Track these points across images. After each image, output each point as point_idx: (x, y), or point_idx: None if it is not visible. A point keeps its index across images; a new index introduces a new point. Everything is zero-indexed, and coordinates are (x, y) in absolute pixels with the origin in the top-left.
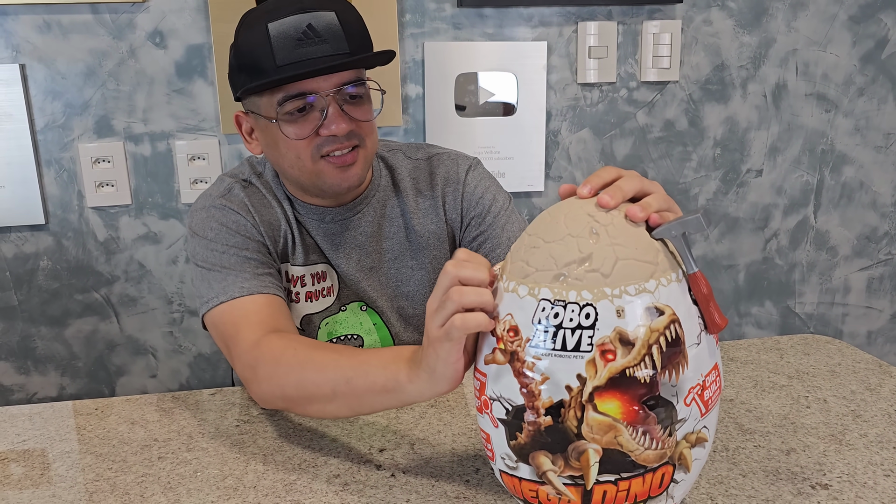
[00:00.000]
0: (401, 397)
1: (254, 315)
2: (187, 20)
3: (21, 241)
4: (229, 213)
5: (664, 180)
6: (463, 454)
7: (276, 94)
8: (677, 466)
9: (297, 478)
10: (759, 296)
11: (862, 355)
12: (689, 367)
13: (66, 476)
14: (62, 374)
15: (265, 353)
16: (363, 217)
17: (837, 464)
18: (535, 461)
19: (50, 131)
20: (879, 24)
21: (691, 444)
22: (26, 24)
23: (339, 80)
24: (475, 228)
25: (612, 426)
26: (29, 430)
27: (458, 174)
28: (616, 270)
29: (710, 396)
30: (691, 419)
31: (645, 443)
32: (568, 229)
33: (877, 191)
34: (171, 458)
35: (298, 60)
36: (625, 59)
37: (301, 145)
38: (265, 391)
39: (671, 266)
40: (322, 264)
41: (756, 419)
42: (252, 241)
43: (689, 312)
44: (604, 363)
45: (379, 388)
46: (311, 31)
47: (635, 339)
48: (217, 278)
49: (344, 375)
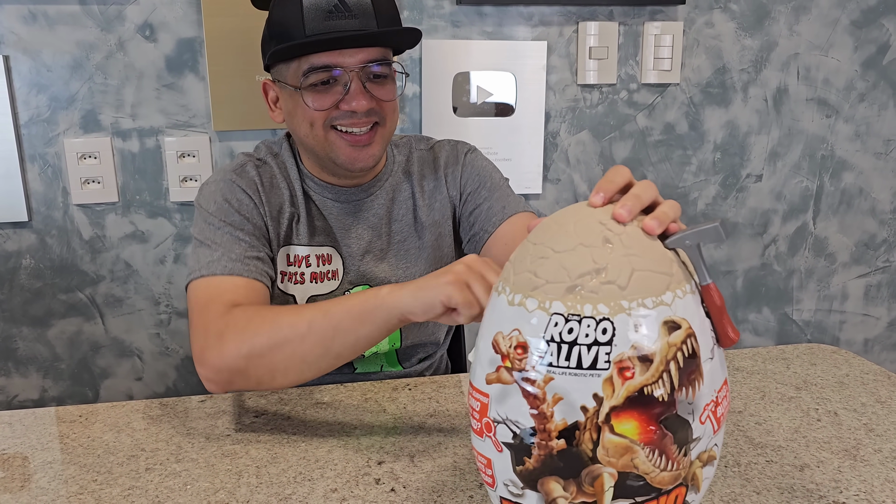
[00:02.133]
0: (378, 315)
1: (228, 294)
2: (178, 13)
3: (3, 238)
4: (236, 190)
5: (663, 184)
6: (465, 467)
7: (303, 64)
8: (690, 487)
9: (293, 492)
10: (757, 302)
11: (869, 366)
12: (704, 384)
13: (49, 488)
14: (44, 375)
15: (237, 315)
16: (376, 199)
17: (853, 480)
18: (545, 487)
19: (34, 125)
20: (881, 30)
21: (704, 462)
22: (11, 15)
23: (364, 56)
24: (472, 202)
25: (628, 448)
26: (9, 437)
27: (457, 156)
28: (633, 282)
29: (722, 413)
30: (706, 437)
31: (661, 464)
32: (579, 238)
33: (876, 197)
34: (160, 469)
35: (327, 32)
36: (625, 61)
37: (316, 115)
38: (229, 352)
39: (685, 277)
40: (327, 247)
41: (766, 432)
42: (250, 222)
43: (704, 326)
44: (622, 381)
45: (357, 310)
46: (343, 5)
47: (653, 355)
48: (206, 253)
49: (322, 309)
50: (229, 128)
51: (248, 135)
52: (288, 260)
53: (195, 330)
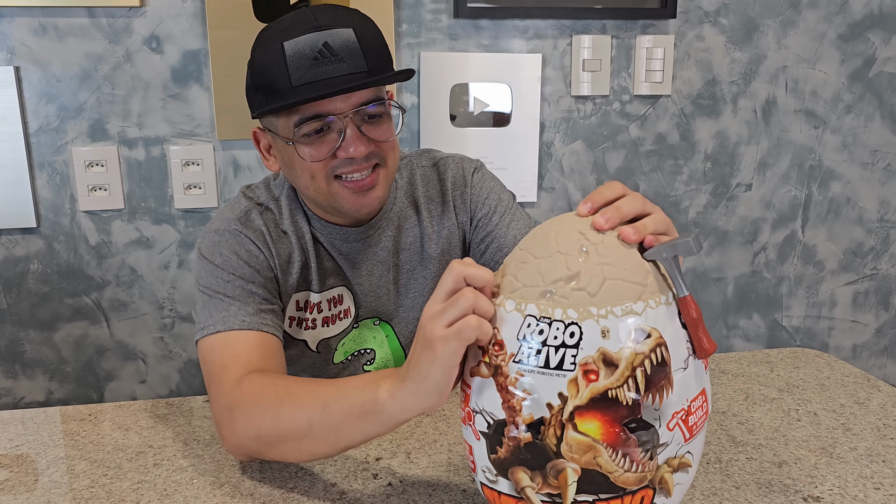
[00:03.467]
0: (380, 419)
1: (244, 355)
2: (184, 26)
3: (12, 244)
4: (244, 241)
5: (655, 193)
6: (459, 464)
7: (293, 115)
8: (658, 490)
9: (295, 486)
10: (746, 309)
11: (850, 369)
12: (673, 392)
13: (61, 482)
14: (50, 378)
15: (245, 392)
16: (384, 232)
17: (828, 476)
18: (514, 476)
19: (43, 134)
20: (867, 43)
21: (673, 468)
22: (22, 27)
23: (357, 99)
24: (483, 229)
25: (591, 446)
26: (22, 435)
27: (464, 177)
28: (603, 290)
29: (696, 422)
30: (674, 444)
31: (624, 465)
32: (558, 246)
33: (863, 206)
34: (167, 464)
35: (314, 80)
36: (618, 73)
37: (316, 167)
38: (239, 433)
39: (661, 288)
40: (338, 287)
41: (748, 431)
42: (261, 274)
43: (678, 336)
44: (586, 383)
45: (357, 412)
46: (328, 50)
47: (619, 361)
48: (218, 307)
49: (321, 402)
50: (232, 137)
51: (250, 144)
52: (298, 305)
53: (211, 396)
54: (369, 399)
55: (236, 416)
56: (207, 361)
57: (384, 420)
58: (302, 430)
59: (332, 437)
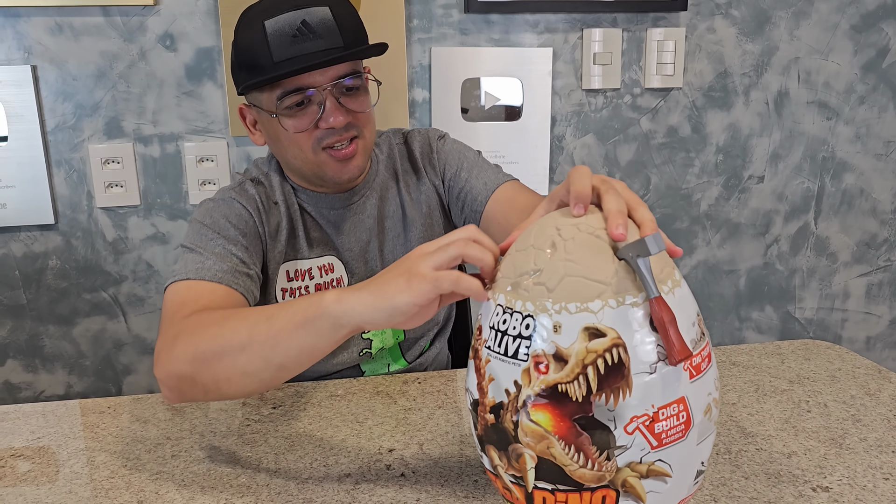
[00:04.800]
0: (319, 324)
1: (204, 299)
2: (197, 23)
3: (30, 240)
4: (235, 206)
5: (667, 186)
6: (472, 455)
7: (275, 89)
8: (622, 493)
9: (309, 476)
10: (759, 301)
11: (861, 360)
12: (632, 395)
13: (82, 473)
14: (69, 372)
15: (192, 319)
16: (367, 200)
17: (838, 467)
18: (488, 454)
19: (60, 132)
20: (881, 34)
21: (641, 474)
22: (38, 26)
23: (335, 73)
24: (455, 187)
25: (543, 436)
26: (42, 426)
27: (430, 144)
28: (561, 286)
29: (666, 431)
30: (635, 448)
31: (579, 460)
32: (533, 241)
33: (877, 198)
34: (185, 456)
35: (294, 56)
36: (629, 66)
37: (301, 138)
38: (177, 355)
39: (628, 289)
40: (328, 256)
41: (758, 423)
42: (246, 238)
43: (644, 339)
44: (537, 374)
45: (299, 318)
46: (306, 27)
47: (569, 357)
48: (196, 259)
49: (266, 315)
50: (246, 133)
51: None
52: (289, 276)
53: (160, 332)
54: (314, 304)
55: (179, 340)
56: (168, 302)
57: (322, 325)
58: (241, 342)
59: (269, 350)
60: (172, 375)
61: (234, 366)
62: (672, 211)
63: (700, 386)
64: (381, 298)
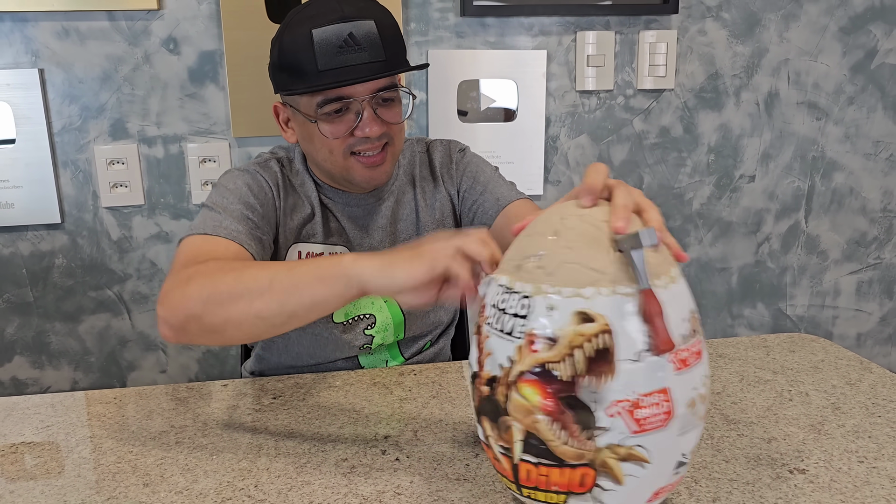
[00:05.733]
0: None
1: (219, 254)
2: (200, 27)
3: (37, 239)
4: (258, 178)
5: (659, 185)
6: (463, 441)
7: (316, 96)
8: (601, 472)
9: (307, 461)
10: (751, 298)
11: (844, 353)
12: (616, 380)
13: (89, 458)
14: (75, 368)
15: (210, 265)
16: (384, 203)
17: (815, 451)
18: (482, 424)
19: (67, 134)
20: (869, 36)
21: (620, 457)
22: (45, 31)
23: (374, 86)
24: (469, 199)
25: (530, 411)
26: (51, 416)
27: (450, 155)
28: (559, 271)
29: (647, 417)
30: (616, 431)
31: (562, 437)
32: (540, 227)
33: (866, 196)
34: (188, 442)
35: (339, 67)
36: (622, 68)
37: (334, 143)
38: (190, 293)
39: (624, 280)
40: (341, 246)
41: (741, 411)
42: (263, 208)
43: (632, 328)
44: (529, 352)
45: (320, 272)
46: (352, 40)
47: (558, 338)
48: (214, 217)
49: (287, 266)
50: (248, 134)
51: (265, 141)
52: (299, 257)
53: (170, 274)
54: (335, 262)
55: (194, 281)
56: (182, 251)
57: (337, 282)
58: (261, 287)
59: (287, 296)
60: (180, 313)
61: (249, 308)
62: (665, 210)
63: (685, 379)
64: (386, 268)
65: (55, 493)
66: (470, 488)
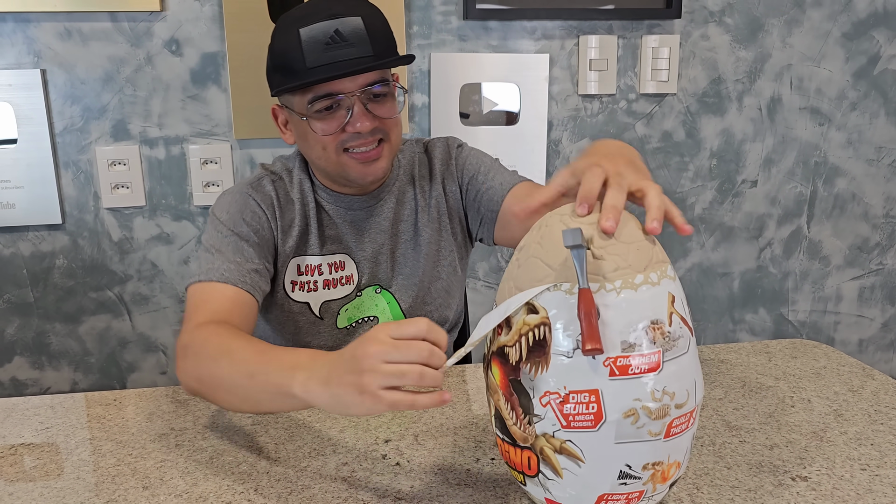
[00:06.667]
0: (292, 402)
1: (215, 303)
2: (203, 29)
3: (38, 239)
4: (250, 203)
5: (661, 190)
6: (464, 445)
7: (307, 93)
8: (542, 460)
9: (308, 465)
10: (753, 303)
11: (847, 359)
12: (548, 371)
13: (89, 461)
14: (75, 369)
15: (196, 338)
16: (385, 203)
17: (817, 458)
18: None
19: (68, 134)
20: (872, 41)
21: (555, 448)
22: (48, 32)
23: (364, 80)
24: (473, 190)
25: (495, 389)
26: (51, 417)
27: (449, 152)
28: (526, 265)
29: (575, 415)
30: (547, 421)
31: (512, 417)
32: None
33: (868, 202)
34: (188, 445)
35: (327, 63)
36: (624, 72)
37: (327, 140)
38: (187, 372)
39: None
40: (340, 254)
41: (742, 417)
42: (257, 234)
43: (568, 325)
44: (497, 334)
45: (273, 390)
46: (339, 36)
47: (512, 325)
48: (209, 260)
49: (248, 371)
50: (249, 136)
51: (266, 143)
52: (299, 270)
53: (182, 330)
54: (285, 383)
55: (187, 357)
56: (187, 303)
57: (287, 400)
58: (230, 387)
59: (254, 402)
60: (185, 383)
61: (229, 400)
62: None
63: (623, 387)
64: (337, 405)
65: (54, 495)
66: (471, 493)
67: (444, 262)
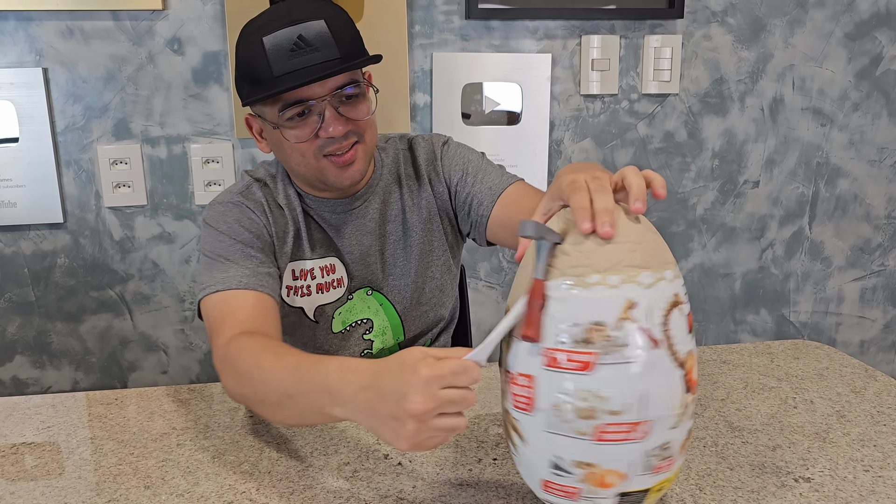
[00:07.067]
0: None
1: (240, 312)
2: (204, 28)
3: (39, 238)
4: (245, 210)
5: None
6: (466, 446)
7: (277, 102)
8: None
9: (309, 465)
10: (754, 304)
11: (849, 360)
12: (508, 352)
13: (90, 460)
14: (76, 368)
15: (231, 352)
16: (370, 205)
17: (820, 459)
18: None
19: (70, 133)
20: (874, 42)
21: (509, 422)
22: (50, 30)
23: (333, 84)
24: (462, 192)
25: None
26: (52, 416)
27: (434, 151)
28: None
29: (517, 395)
30: (507, 396)
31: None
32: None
33: (870, 203)
34: (190, 444)
35: (293, 70)
36: (626, 72)
37: (303, 147)
38: (231, 387)
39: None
40: (330, 257)
41: (745, 418)
42: (260, 239)
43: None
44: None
45: (316, 410)
46: (303, 41)
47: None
48: (220, 268)
49: (286, 391)
50: (251, 135)
51: None
52: (293, 275)
53: (212, 348)
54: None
55: (227, 371)
56: (209, 318)
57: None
58: (275, 404)
59: (302, 420)
60: (233, 398)
61: (274, 416)
62: (668, 215)
63: (555, 379)
64: (377, 432)
65: (55, 494)
66: (473, 493)
67: (438, 262)
